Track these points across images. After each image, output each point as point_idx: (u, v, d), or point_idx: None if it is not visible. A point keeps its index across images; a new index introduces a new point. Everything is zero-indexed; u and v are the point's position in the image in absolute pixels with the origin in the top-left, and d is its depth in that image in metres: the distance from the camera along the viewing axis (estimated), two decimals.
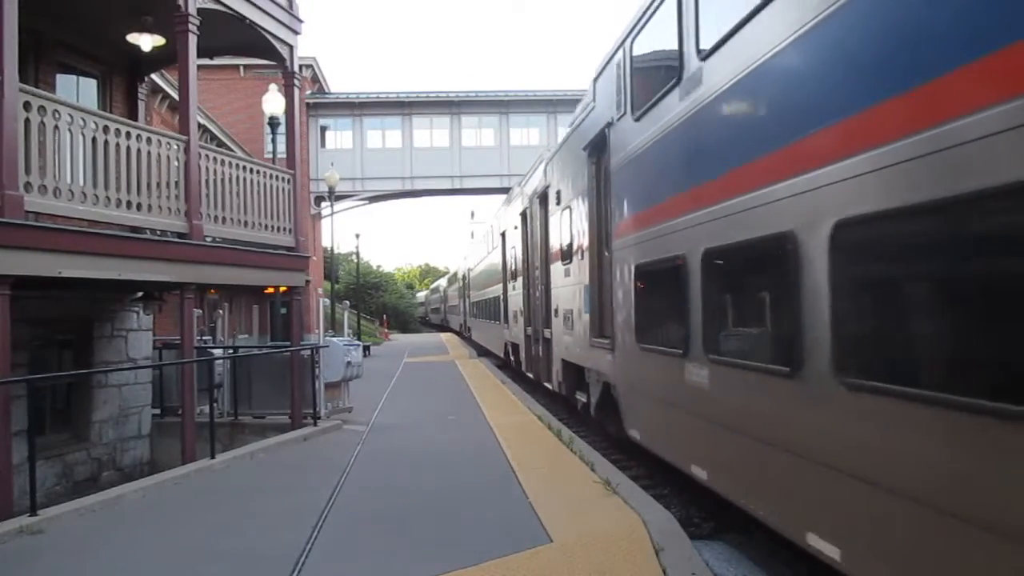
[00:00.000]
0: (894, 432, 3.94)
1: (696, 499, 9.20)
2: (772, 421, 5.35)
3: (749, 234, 5.63)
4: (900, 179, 3.88)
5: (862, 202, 4.19)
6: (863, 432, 4.21)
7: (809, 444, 4.83)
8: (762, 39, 5.42)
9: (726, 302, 6.53)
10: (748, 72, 5.67)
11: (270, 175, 12.25)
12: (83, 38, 12.12)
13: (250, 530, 6.84)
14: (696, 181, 6.74)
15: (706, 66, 6.46)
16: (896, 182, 3.91)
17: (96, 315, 11.77)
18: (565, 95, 40.98)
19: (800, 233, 4.85)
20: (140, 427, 12.47)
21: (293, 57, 12.84)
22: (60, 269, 8.31)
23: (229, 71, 32.69)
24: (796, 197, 4.92)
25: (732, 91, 5.99)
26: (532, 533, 6.30)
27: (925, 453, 3.73)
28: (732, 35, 5.94)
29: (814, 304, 4.69)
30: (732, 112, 6.06)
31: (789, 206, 5.01)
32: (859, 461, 4.27)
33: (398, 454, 10.18)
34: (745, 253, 5.84)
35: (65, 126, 8.60)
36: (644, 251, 8.16)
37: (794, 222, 4.92)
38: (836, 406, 4.46)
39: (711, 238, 6.36)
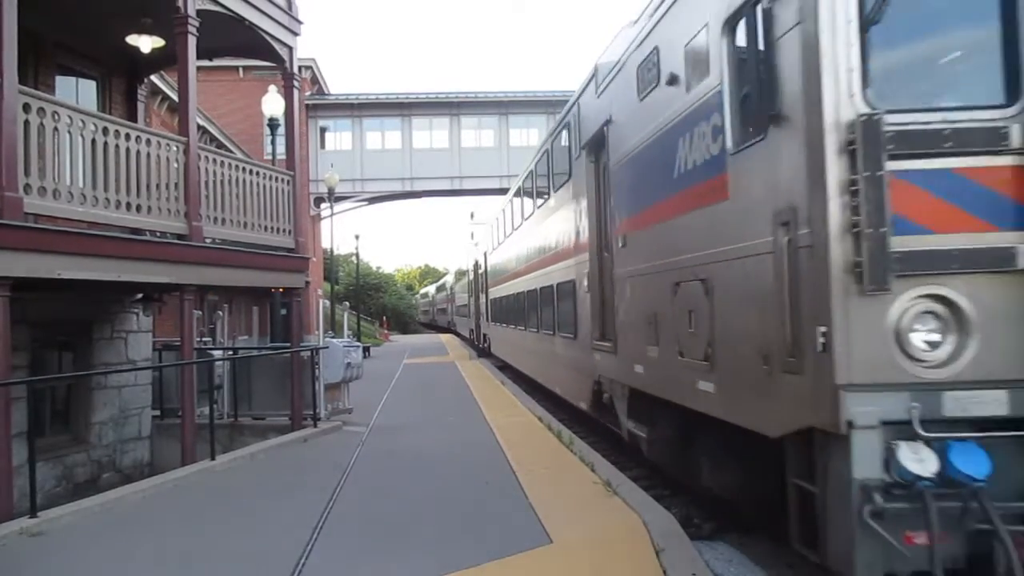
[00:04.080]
0: (587, 352, 10.69)
1: (696, 500, 9.20)
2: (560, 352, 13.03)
3: (545, 283, 13.81)
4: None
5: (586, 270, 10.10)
6: (599, 356, 10.12)
7: (567, 358, 12.34)
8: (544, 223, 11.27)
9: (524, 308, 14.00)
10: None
11: (269, 176, 12.25)
12: (83, 40, 12.12)
13: (250, 532, 6.83)
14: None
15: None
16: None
17: (96, 317, 11.76)
18: (565, 96, 40.92)
19: (572, 283, 11.82)
20: (140, 429, 12.47)
21: (292, 58, 12.84)
22: (59, 271, 8.31)
23: (229, 72, 32.71)
24: (540, 278, 13.80)
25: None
26: (532, 534, 6.30)
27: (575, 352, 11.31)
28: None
29: (577, 310, 10.94)
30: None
31: (557, 275, 12.88)
32: (582, 364, 11.17)
33: (398, 455, 10.17)
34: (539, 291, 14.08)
35: (65, 128, 8.60)
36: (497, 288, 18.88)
37: (572, 277, 11.76)
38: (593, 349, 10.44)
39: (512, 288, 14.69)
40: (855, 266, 4.33)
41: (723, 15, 5.71)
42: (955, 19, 4.62)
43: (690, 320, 6.59)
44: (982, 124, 4.35)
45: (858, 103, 4.39)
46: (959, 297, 4.33)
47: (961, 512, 4.19)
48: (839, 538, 4.49)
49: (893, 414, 4.28)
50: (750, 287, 5.44)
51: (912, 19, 4.52)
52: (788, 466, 5.17)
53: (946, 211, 4.35)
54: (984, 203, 4.33)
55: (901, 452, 4.23)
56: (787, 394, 4.95)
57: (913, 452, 4.23)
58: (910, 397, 4.29)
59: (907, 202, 4.33)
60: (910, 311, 4.35)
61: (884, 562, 4.28)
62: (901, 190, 4.30)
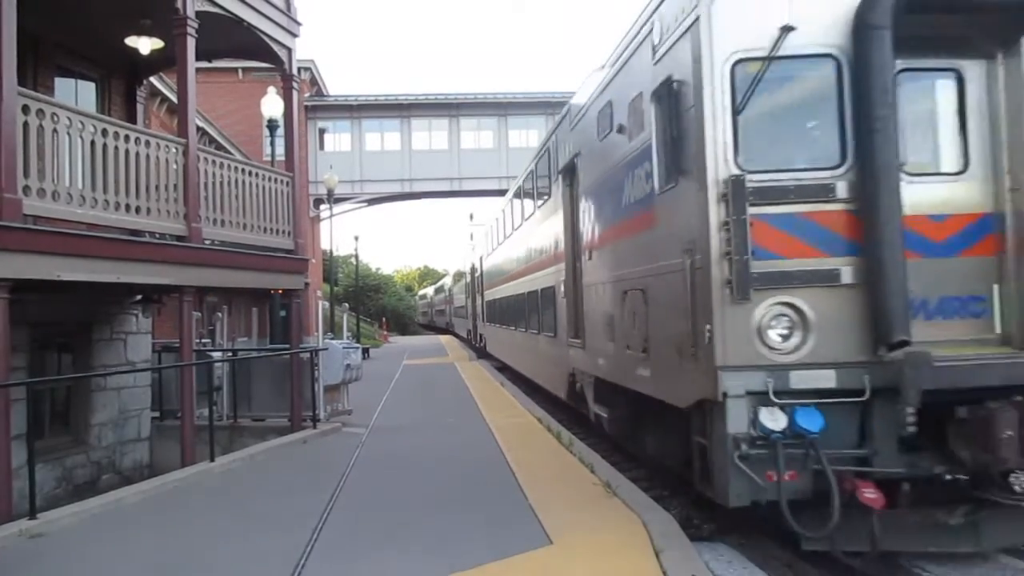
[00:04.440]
0: (563, 348, 12.31)
1: (696, 500, 9.19)
2: (543, 349, 14.75)
3: (531, 288, 15.72)
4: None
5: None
6: (573, 352, 11.49)
7: (549, 354, 14.13)
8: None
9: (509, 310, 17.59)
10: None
11: (269, 178, 12.25)
12: (82, 41, 12.12)
13: (250, 533, 6.84)
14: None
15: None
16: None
17: (95, 318, 11.76)
18: (564, 97, 40.91)
19: (552, 288, 13.35)
20: (139, 430, 12.46)
21: (291, 60, 12.84)
22: (59, 272, 8.31)
23: (228, 74, 32.68)
24: (534, 280, 15.32)
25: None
26: (532, 535, 6.31)
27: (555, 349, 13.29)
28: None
29: (556, 313, 12.80)
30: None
31: (541, 281, 14.50)
32: (559, 358, 12.83)
33: (397, 456, 10.18)
34: (526, 295, 16.32)
35: (64, 129, 8.60)
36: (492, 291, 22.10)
37: (554, 282, 13.05)
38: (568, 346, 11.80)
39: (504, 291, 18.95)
40: (728, 282, 5.87)
41: (651, 87, 7.25)
42: (799, 109, 6.35)
43: (634, 321, 8.17)
44: (817, 181, 5.96)
45: (731, 166, 5.98)
46: (802, 304, 5.90)
47: (803, 456, 5.71)
48: (720, 476, 6.05)
49: (755, 387, 5.82)
50: (669, 296, 6.99)
51: (769, 108, 6.14)
52: (692, 428, 6.75)
53: (792, 243, 5.95)
54: (818, 237, 5.95)
55: (761, 414, 5.79)
56: (689, 375, 6.51)
57: (769, 414, 5.79)
58: (767, 375, 5.82)
59: (763, 236, 5.91)
60: (768, 314, 5.90)
61: (750, 493, 5.82)
62: (759, 228, 5.88)
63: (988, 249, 6.15)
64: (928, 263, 6.04)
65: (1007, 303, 6.07)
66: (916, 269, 5.85)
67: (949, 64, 6.32)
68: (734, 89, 6.04)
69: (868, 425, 5.85)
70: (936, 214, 6.16)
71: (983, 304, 6.14)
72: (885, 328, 5.64)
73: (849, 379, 5.76)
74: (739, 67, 6.04)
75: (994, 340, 6.08)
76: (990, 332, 6.11)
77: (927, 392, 5.36)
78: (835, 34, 5.95)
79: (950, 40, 6.17)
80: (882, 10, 5.64)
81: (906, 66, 6.11)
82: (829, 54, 6.02)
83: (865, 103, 5.77)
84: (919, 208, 6.07)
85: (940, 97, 6.43)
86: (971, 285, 6.14)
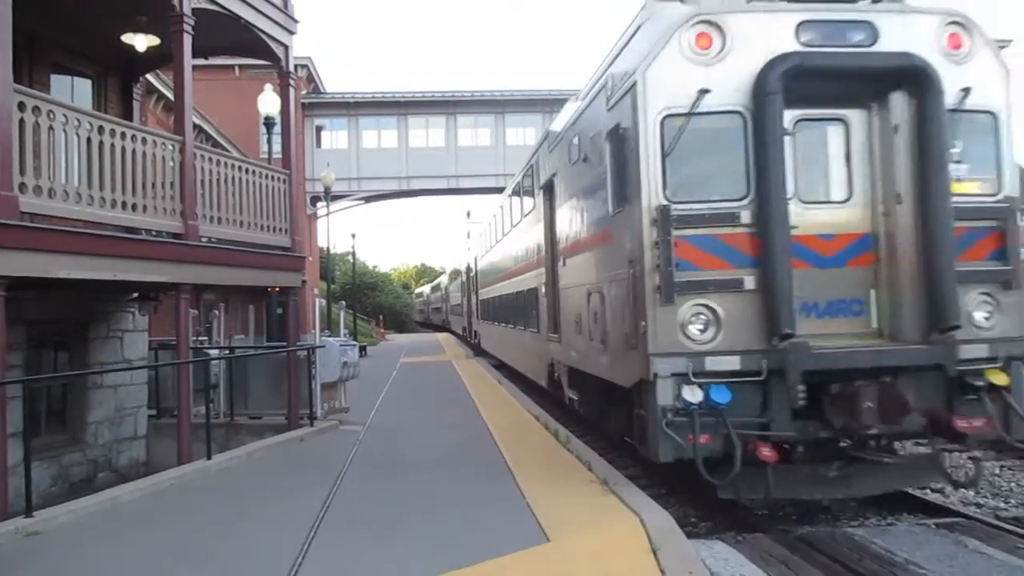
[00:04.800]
0: (544, 342, 13.89)
1: (693, 499, 9.22)
2: (528, 343, 16.49)
3: (518, 288, 17.41)
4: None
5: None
6: (552, 345, 13.09)
7: (532, 347, 15.80)
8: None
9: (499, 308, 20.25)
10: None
11: (266, 175, 12.24)
12: (78, 38, 12.08)
13: (246, 531, 6.83)
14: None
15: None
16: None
17: (92, 316, 11.74)
18: (561, 94, 40.78)
19: (536, 289, 14.85)
20: (136, 428, 12.44)
21: (288, 57, 12.81)
22: (55, 270, 8.29)
23: (224, 71, 32.61)
24: (520, 282, 16.88)
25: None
26: (529, 533, 6.31)
27: (537, 343, 14.87)
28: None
29: (539, 311, 14.33)
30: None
31: (526, 282, 16.14)
32: (541, 351, 14.47)
33: (394, 454, 10.18)
34: (522, 293, 16.88)
35: (60, 126, 8.57)
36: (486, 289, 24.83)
37: (537, 284, 14.55)
38: (548, 340, 13.38)
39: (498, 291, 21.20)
40: (658, 288, 7.35)
41: (606, 128, 8.71)
42: (714, 153, 7.69)
43: (595, 318, 9.62)
44: (726, 210, 7.43)
45: (660, 198, 7.44)
46: (715, 305, 7.36)
47: (715, 423, 7.08)
48: (652, 439, 7.44)
49: (679, 369, 7.23)
50: (619, 299, 8.50)
51: (690, 152, 7.50)
52: (634, 402, 8.21)
53: (707, 258, 7.41)
54: (727, 253, 7.39)
55: (683, 390, 7.17)
56: (632, 361, 7.97)
57: (689, 390, 7.15)
58: (687, 360, 7.23)
59: (685, 253, 7.37)
60: (688, 313, 7.34)
61: (675, 452, 7.21)
62: (682, 246, 7.36)
63: (866, 262, 7.77)
64: (819, 273, 7.64)
65: (880, 304, 7.74)
66: (810, 278, 7.52)
67: (837, 114, 7.89)
68: (663, 137, 7.47)
69: (766, 399, 7.28)
70: (826, 233, 7.75)
71: (862, 305, 7.77)
72: (776, 324, 7.12)
73: (750, 363, 7.24)
74: (667, 120, 7.48)
75: (870, 334, 7.70)
76: (868, 327, 7.73)
77: (808, 373, 7.00)
78: (741, 95, 7.41)
79: (838, 95, 7.75)
80: (773, 80, 7.21)
81: (803, 116, 7.75)
82: (737, 111, 7.46)
83: (761, 149, 7.28)
84: (812, 229, 7.69)
85: (831, 140, 7.97)
86: (853, 290, 7.76)
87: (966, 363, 7.30)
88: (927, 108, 7.41)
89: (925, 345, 7.30)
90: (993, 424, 7.26)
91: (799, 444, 7.38)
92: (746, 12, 7.73)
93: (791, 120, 7.60)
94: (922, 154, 7.44)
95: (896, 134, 7.63)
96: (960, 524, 7.55)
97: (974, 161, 7.77)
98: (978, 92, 7.65)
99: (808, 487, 7.70)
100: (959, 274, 7.35)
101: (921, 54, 7.44)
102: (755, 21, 7.60)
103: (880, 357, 7.25)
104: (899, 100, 7.63)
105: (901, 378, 7.26)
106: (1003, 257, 7.65)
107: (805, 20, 7.54)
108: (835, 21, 7.65)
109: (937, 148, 7.34)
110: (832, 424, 7.22)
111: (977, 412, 7.25)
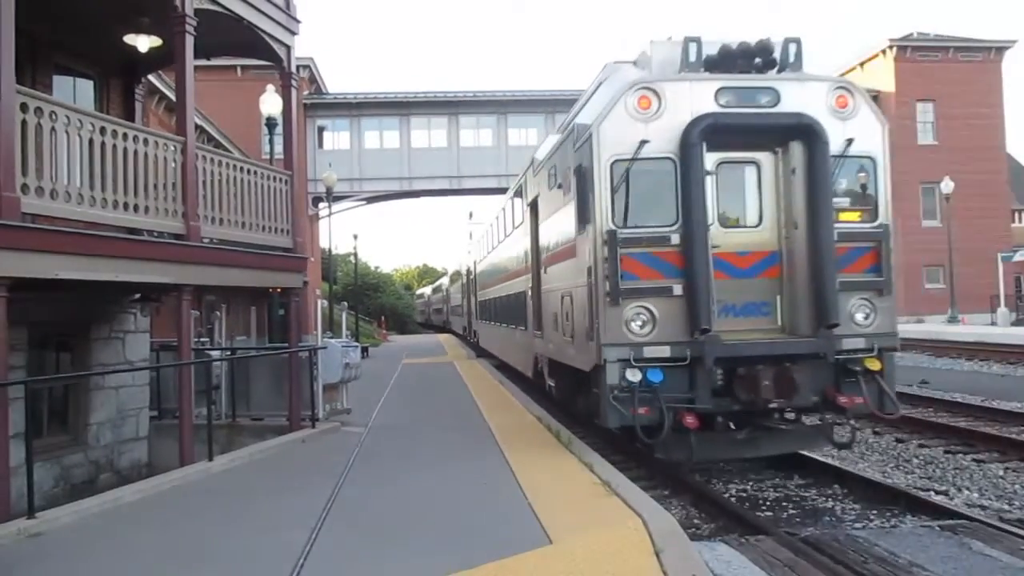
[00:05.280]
0: (531, 338, 15.44)
1: (697, 500, 9.23)
2: (518, 339, 18.04)
3: (510, 291, 18.84)
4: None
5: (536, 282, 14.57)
6: (536, 340, 14.75)
7: (521, 343, 17.32)
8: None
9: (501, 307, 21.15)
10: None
11: (267, 176, 12.25)
12: (80, 40, 12.10)
13: (248, 532, 6.84)
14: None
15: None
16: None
17: (93, 317, 11.76)
18: (563, 95, 40.86)
19: (524, 292, 16.20)
20: (138, 429, 12.46)
21: (290, 58, 12.82)
22: (57, 271, 8.31)
23: (226, 72, 32.70)
24: (512, 285, 18.41)
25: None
26: (531, 535, 6.31)
27: (525, 339, 16.39)
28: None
29: (527, 311, 15.67)
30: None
31: (517, 286, 17.42)
32: (527, 346, 16.09)
33: (396, 455, 10.19)
34: (513, 296, 18.47)
35: (62, 127, 8.58)
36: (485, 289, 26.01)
37: (524, 288, 16.03)
38: (533, 336, 15.00)
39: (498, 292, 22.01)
40: (608, 294, 9.17)
41: (573, 165, 10.44)
42: (651, 190, 9.39)
43: (567, 316, 11.34)
44: (660, 234, 9.25)
45: (610, 223, 9.29)
46: (651, 307, 9.16)
47: (651, 398, 8.88)
48: (603, 411, 9.20)
49: (623, 356, 9.01)
50: (581, 301, 10.22)
51: (633, 189, 9.33)
52: (592, 383, 9.94)
53: (646, 270, 9.22)
54: (661, 267, 9.21)
55: (626, 372, 8.94)
56: (590, 350, 9.70)
57: (631, 372, 8.92)
58: (630, 349, 9.01)
59: (629, 266, 9.19)
60: (631, 313, 9.14)
61: (620, 420, 9.01)
62: (626, 261, 9.18)
63: (773, 274, 9.71)
64: (736, 282, 9.59)
65: (783, 307, 9.66)
66: (728, 286, 9.51)
67: (751, 157, 9.82)
68: (612, 177, 9.37)
69: (691, 379, 9.10)
70: (742, 251, 9.68)
71: (769, 307, 9.70)
72: (696, 321, 8.90)
73: (677, 351, 9.03)
74: (615, 164, 9.35)
75: (776, 329, 9.64)
76: (775, 325, 9.67)
77: (720, 359, 8.99)
78: (672, 145, 9.24)
79: (751, 143, 9.73)
80: (695, 134, 9.09)
81: (725, 159, 9.68)
82: (669, 157, 9.28)
83: (686, 188, 9.12)
84: (732, 247, 9.62)
85: (746, 178, 9.88)
86: (763, 295, 9.69)
87: (847, 352, 9.29)
88: (815, 155, 9.24)
89: (812, 338, 9.14)
90: (867, 401, 9.22)
91: (718, 415, 9.31)
92: (677, 80, 9.61)
93: (715, 162, 9.51)
94: (811, 190, 9.26)
95: (794, 175, 9.50)
96: (964, 526, 7.54)
97: (856, 195, 9.82)
98: (860, 141, 9.60)
99: (723, 449, 9.65)
100: (843, 283, 9.26)
101: (813, 113, 9.33)
102: (683, 87, 9.47)
103: (772, 347, 9.19)
104: (796, 148, 9.46)
105: (797, 363, 9.03)
106: (879, 270, 9.59)
107: (723, 87, 9.42)
108: (746, 87, 9.54)
109: (822, 186, 9.20)
110: (740, 399, 9.04)
111: (856, 391, 9.22)
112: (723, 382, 9.16)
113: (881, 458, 11.48)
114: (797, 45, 9.92)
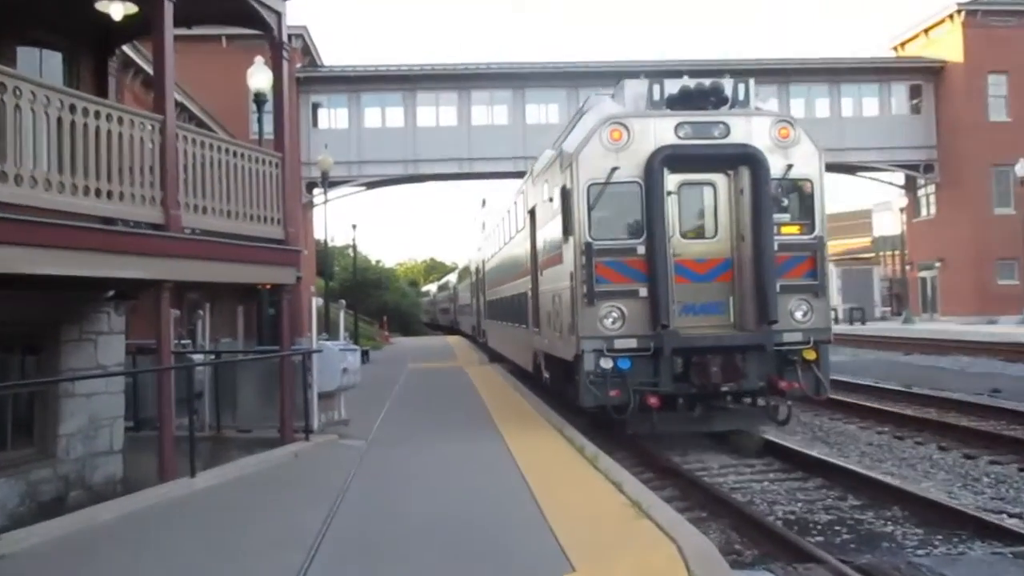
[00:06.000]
0: (531, 335, 18.58)
1: (738, 523, 9.17)
2: (520, 336, 21.08)
3: (514, 292, 22.07)
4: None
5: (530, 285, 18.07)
6: (535, 336, 17.78)
7: (523, 340, 20.26)
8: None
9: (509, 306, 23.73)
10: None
11: (256, 159, 12.27)
12: (47, 7, 12.17)
13: (235, 556, 6.87)
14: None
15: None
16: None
17: (63, 316, 11.83)
18: (588, 68, 40.70)
19: (525, 293, 19.08)
20: (112, 441, 12.52)
21: (281, 26, 12.81)
22: (22, 266, 8.35)
23: (210, 42, 32.81)
24: (515, 286, 21.58)
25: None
26: (551, 562, 6.30)
27: (526, 336, 19.49)
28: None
29: (528, 310, 18.66)
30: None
31: (520, 287, 20.45)
32: (528, 342, 19.10)
33: (400, 473, 10.20)
34: (518, 296, 21.13)
35: (27, 105, 8.61)
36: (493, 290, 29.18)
37: (526, 289, 18.85)
38: (532, 333, 18.11)
39: (504, 292, 25.28)
40: (585, 295, 12.12)
41: (560, 185, 13.48)
42: (621, 209, 12.45)
43: (557, 314, 14.18)
44: (629, 245, 12.25)
45: (587, 236, 12.28)
46: (622, 306, 12.06)
47: (621, 382, 11.81)
48: (581, 393, 12.14)
49: (597, 347, 11.94)
50: (567, 300, 13.18)
51: (606, 208, 12.41)
52: (573, 370, 12.74)
53: (617, 276, 12.18)
54: (630, 273, 12.15)
55: (600, 360, 11.87)
56: (572, 342, 12.59)
57: (604, 361, 11.86)
58: (603, 341, 11.94)
59: (603, 272, 12.15)
60: (604, 311, 12.02)
61: (595, 401, 11.94)
62: (600, 267, 12.15)
63: (726, 278, 12.63)
64: (695, 285, 12.54)
65: (735, 306, 12.54)
66: (688, 289, 12.45)
67: (707, 179, 12.81)
68: (589, 197, 12.33)
69: (655, 367, 11.96)
70: (700, 258, 12.64)
71: (724, 307, 12.61)
72: (657, 318, 11.77)
73: (643, 343, 11.90)
74: (591, 187, 12.32)
75: (729, 326, 12.50)
76: (728, 322, 12.56)
77: (678, 349, 11.87)
78: (638, 171, 12.21)
79: (706, 168, 12.74)
80: (657, 162, 12.05)
81: (685, 181, 12.64)
82: (636, 181, 12.23)
83: (650, 206, 12.06)
84: (691, 256, 12.58)
85: (704, 196, 12.89)
86: (718, 296, 12.63)
87: (788, 344, 12.17)
88: (757, 179, 12.15)
89: (754, 332, 12.03)
90: (804, 386, 12.15)
91: (678, 397, 12.24)
92: (643, 116, 12.64)
93: (677, 183, 12.50)
94: (755, 208, 12.14)
95: (742, 195, 12.43)
96: None
97: (796, 211, 12.82)
98: (799, 167, 12.56)
99: (680, 424, 12.65)
100: (784, 286, 12.13)
101: (758, 143, 12.31)
102: (648, 122, 12.48)
103: (720, 339, 12.18)
104: (744, 172, 12.36)
105: (745, 354, 12.03)
106: (815, 275, 12.53)
107: (681, 122, 12.45)
108: (700, 122, 12.53)
109: (764, 205, 12.10)
110: (695, 383, 11.97)
111: (794, 378, 12.10)
112: (682, 369, 12.05)
113: (947, 476, 11.40)
114: (745, 85, 12.98)
